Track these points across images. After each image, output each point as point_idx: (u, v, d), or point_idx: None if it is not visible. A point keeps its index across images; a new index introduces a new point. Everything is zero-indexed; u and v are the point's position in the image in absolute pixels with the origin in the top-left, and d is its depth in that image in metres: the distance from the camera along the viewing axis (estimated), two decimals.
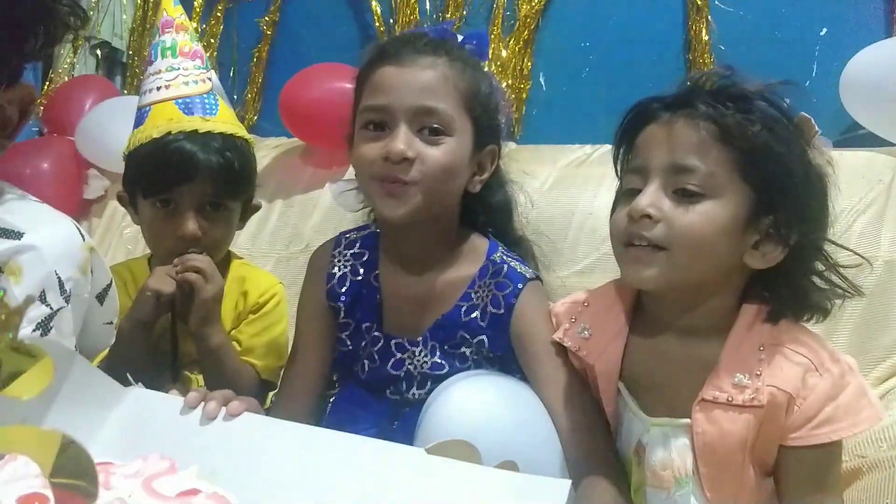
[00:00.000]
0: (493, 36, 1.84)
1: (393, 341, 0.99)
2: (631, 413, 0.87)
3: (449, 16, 1.94)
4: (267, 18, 2.13)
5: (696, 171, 0.76)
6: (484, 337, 0.96)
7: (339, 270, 1.03)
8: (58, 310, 0.75)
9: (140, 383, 0.76)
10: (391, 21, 2.00)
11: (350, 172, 1.79)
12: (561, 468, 0.83)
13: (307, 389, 1.02)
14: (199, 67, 1.16)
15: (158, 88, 1.13)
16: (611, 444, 0.89)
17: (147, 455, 0.54)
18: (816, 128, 0.82)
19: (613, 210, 0.86)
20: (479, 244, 1.01)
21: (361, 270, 1.02)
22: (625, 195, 0.83)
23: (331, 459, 0.67)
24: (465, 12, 1.92)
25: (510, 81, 1.83)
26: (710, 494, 0.81)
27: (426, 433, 0.80)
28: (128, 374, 0.77)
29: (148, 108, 1.13)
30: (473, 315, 0.96)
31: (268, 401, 1.13)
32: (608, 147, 1.55)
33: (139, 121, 1.14)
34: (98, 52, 2.29)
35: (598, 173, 1.52)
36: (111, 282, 0.96)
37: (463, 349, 0.97)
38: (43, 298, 0.74)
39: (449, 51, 0.94)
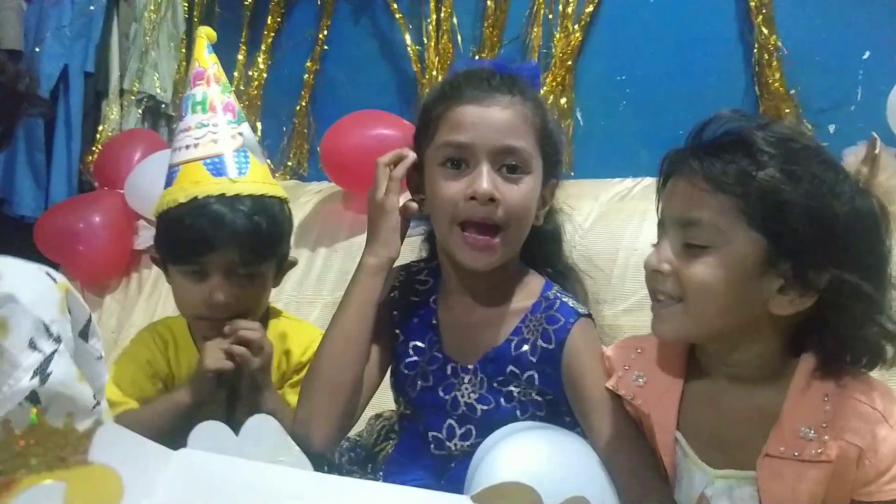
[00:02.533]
0: None
1: (450, 365, 0.99)
2: (692, 464, 0.85)
3: (485, 55, 1.96)
4: (308, 65, 2.18)
5: (698, 224, 0.77)
6: (534, 373, 0.95)
7: (402, 285, 1.05)
8: (51, 353, 0.74)
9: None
10: (424, 64, 2.03)
11: None
12: None
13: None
14: (230, 122, 1.11)
15: (187, 147, 1.09)
16: (668, 492, 0.86)
17: None
18: (878, 147, 0.79)
19: None
20: (534, 281, 1.01)
21: (422, 294, 1.04)
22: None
23: None
24: (500, 52, 1.94)
25: None
26: None
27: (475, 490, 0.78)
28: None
29: (177, 168, 1.10)
30: (524, 349, 0.96)
31: None
32: (650, 180, 1.58)
33: (169, 181, 1.11)
34: (144, 105, 2.36)
35: (641, 207, 1.50)
36: (90, 316, 0.95)
37: (511, 387, 0.96)
38: (33, 346, 0.73)
39: (522, 89, 0.96)
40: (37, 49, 2.16)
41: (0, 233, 2.18)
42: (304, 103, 2.21)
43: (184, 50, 2.37)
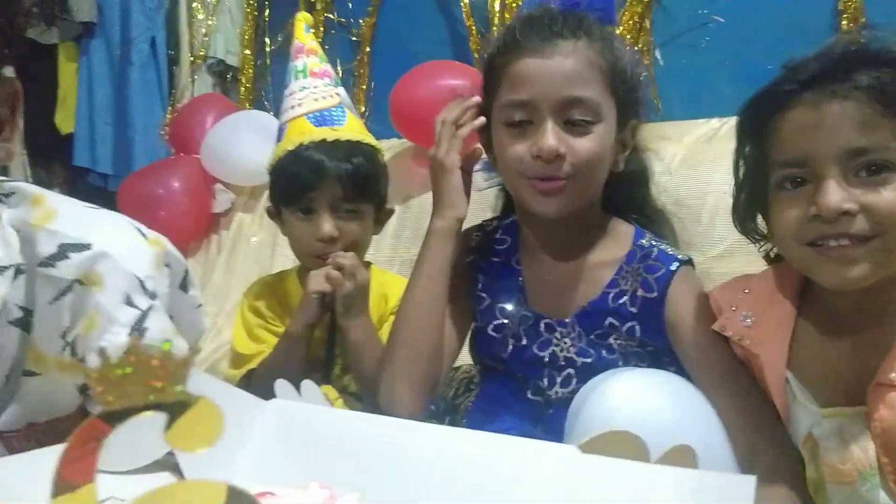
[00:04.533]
0: None
1: (543, 321, 0.96)
2: (799, 404, 0.79)
3: None
4: (364, 21, 2.14)
5: (875, 149, 0.69)
6: (635, 324, 0.91)
7: (482, 247, 1.03)
8: (147, 310, 0.74)
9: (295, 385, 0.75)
10: (486, 10, 1.96)
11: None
12: (735, 467, 0.77)
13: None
14: (327, 85, 1.26)
15: (293, 107, 1.24)
16: (783, 434, 0.82)
17: (306, 485, 0.53)
18: None
19: (749, 203, 0.81)
20: (623, 229, 0.97)
21: (502, 255, 1.01)
22: (781, 189, 0.76)
23: (483, 465, 0.61)
24: None
25: None
26: None
27: (581, 431, 0.74)
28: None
29: (285, 126, 1.24)
30: (622, 301, 0.92)
31: None
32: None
33: (278, 137, 1.25)
34: (213, 69, 2.38)
35: (730, 148, 1.41)
36: (187, 267, 0.95)
37: (611, 339, 0.93)
38: (129, 302, 0.72)
39: (587, 30, 0.89)
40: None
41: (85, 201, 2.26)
42: (364, 59, 2.17)
43: (248, 9, 2.37)
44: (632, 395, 0.78)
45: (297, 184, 1.17)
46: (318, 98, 1.23)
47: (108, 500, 0.52)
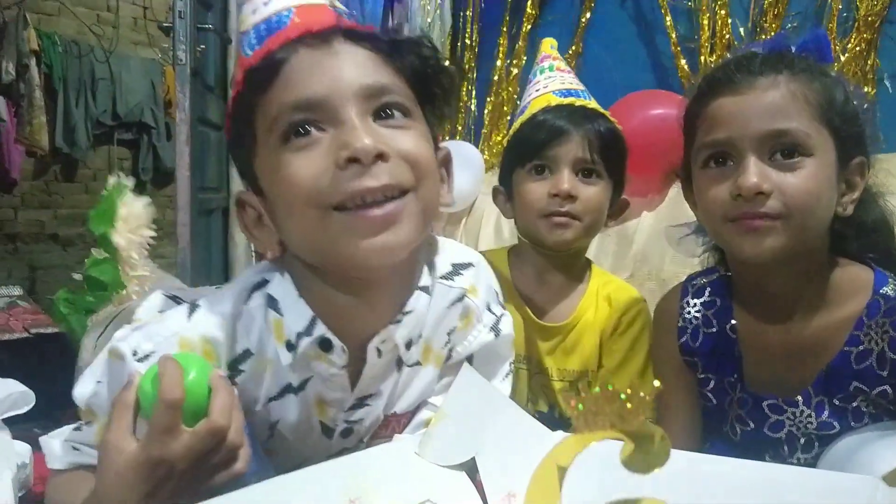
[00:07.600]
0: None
1: (765, 402, 0.90)
2: None
3: (767, 25, 1.82)
4: (570, 50, 2.17)
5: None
6: (886, 388, 0.83)
7: (690, 324, 0.96)
8: (500, 316, 0.85)
9: None
10: (696, 38, 1.93)
11: (667, 205, 1.77)
12: None
13: (683, 446, 0.96)
14: (573, 78, 1.24)
15: (537, 90, 1.21)
16: None
17: None
18: None
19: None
20: (859, 275, 0.86)
21: (714, 322, 0.94)
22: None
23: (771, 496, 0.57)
24: (791, 13, 1.78)
25: None
26: None
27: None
28: None
29: (527, 104, 1.21)
30: (868, 362, 0.83)
31: None
32: None
33: (520, 113, 1.22)
34: None
35: None
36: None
37: (858, 403, 0.85)
38: (489, 307, 0.84)
39: (789, 64, 0.83)
40: None
41: None
42: None
43: (448, 45, 2.48)
44: None
45: (538, 138, 1.11)
46: (564, 82, 1.20)
47: (425, 501, 0.57)
